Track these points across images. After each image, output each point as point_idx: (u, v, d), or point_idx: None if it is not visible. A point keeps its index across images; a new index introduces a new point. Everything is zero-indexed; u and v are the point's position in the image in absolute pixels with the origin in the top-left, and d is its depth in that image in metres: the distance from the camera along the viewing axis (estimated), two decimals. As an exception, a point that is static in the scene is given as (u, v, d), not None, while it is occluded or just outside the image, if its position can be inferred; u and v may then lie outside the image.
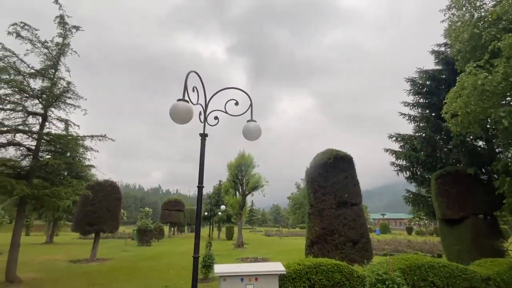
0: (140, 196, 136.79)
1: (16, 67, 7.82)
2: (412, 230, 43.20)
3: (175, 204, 33.47)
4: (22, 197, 7.55)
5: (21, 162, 8.32)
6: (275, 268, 3.90)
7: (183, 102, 3.75)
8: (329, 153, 9.55)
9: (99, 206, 11.54)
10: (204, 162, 4.49)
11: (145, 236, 20.32)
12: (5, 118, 7.81)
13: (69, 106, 8.91)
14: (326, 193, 9.07)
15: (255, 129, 4.35)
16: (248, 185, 21.23)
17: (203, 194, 4.66)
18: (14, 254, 7.41)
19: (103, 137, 8.81)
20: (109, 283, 7.41)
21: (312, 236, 8.89)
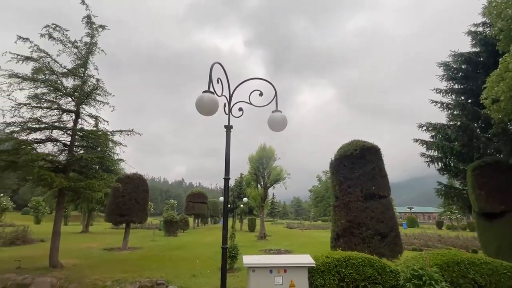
0: (165, 189, 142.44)
1: (50, 67, 8.28)
2: (442, 224, 41.09)
3: (198, 196, 34.40)
4: (60, 189, 8.08)
5: (59, 157, 8.86)
6: (304, 260, 3.83)
7: (208, 93, 3.73)
8: (355, 144, 9.21)
9: (129, 198, 12.11)
10: (229, 154, 4.48)
11: (171, 227, 21.13)
12: (42, 116, 8.33)
13: (99, 103, 9.32)
14: (352, 185, 8.79)
15: (280, 119, 4.25)
16: (270, 177, 21.21)
17: None
18: (55, 242, 7.99)
19: (130, 131, 9.15)
20: (141, 271, 7.77)
21: (338, 229, 8.70)
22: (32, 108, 8.05)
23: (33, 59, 7.93)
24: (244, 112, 4.70)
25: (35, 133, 8.15)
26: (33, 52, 7.91)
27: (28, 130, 7.97)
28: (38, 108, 8.14)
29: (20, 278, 6.42)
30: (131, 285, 6.35)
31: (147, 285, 6.32)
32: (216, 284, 7.32)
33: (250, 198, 22.17)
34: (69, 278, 6.74)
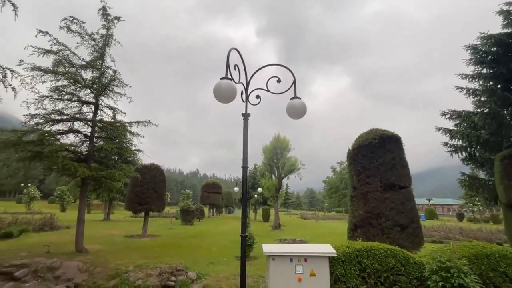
0: (180, 180, 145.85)
1: (70, 59, 8.45)
2: (463, 216, 39.70)
3: (213, 186, 34.95)
4: (83, 179, 8.38)
5: (80, 147, 9.15)
6: (325, 249, 3.77)
7: (226, 80, 3.64)
8: (374, 133, 8.90)
9: (147, 187, 12.44)
10: (247, 143, 4.42)
11: (188, 216, 21.66)
12: (64, 108, 8.58)
13: (116, 95, 9.48)
14: (371, 175, 8.55)
15: (300, 106, 4.11)
16: (284, 168, 21.12)
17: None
18: (80, 228, 8.36)
19: (147, 122, 9.28)
20: (161, 257, 8.01)
21: (356, 220, 8.55)
22: (54, 100, 8.30)
23: (53, 52, 8.12)
24: (255, 105, 4.60)
25: (57, 124, 8.43)
26: (52, 46, 8.09)
27: (51, 121, 8.25)
28: (59, 100, 8.38)
29: (50, 262, 6.78)
30: (152, 271, 6.56)
31: (167, 271, 6.50)
32: (233, 271, 7.44)
33: (265, 189, 22.24)
34: (94, 263, 7.05)
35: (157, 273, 6.39)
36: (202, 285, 6.25)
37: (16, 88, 5.50)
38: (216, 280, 6.50)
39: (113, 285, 6.04)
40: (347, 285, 3.97)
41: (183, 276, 6.45)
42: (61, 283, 6.03)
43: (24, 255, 7.52)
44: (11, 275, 6.19)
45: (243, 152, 4.37)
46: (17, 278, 6.12)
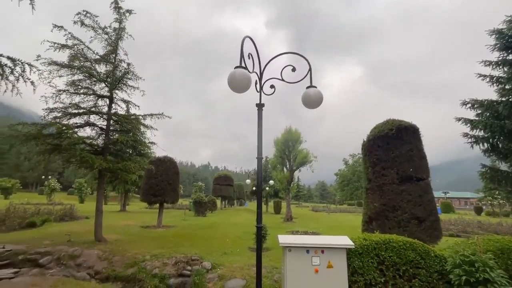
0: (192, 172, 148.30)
1: (84, 53, 8.57)
2: (481, 210, 38.45)
3: (225, 179, 35.29)
4: (100, 171, 8.61)
5: (97, 140, 9.36)
6: (342, 241, 3.70)
7: (240, 69, 3.57)
8: (391, 123, 8.62)
9: (161, 179, 12.66)
10: (262, 134, 4.36)
11: (201, 208, 22.01)
12: (80, 102, 8.76)
13: (130, 88, 9.58)
14: (387, 167, 8.33)
15: (316, 95, 3.99)
16: (296, 160, 20.97)
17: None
18: (99, 219, 8.64)
19: (160, 115, 9.37)
20: (176, 247, 8.19)
21: (371, 212, 8.40)
22: (70, 94, 8.48)
23: (68, 47, 8.25)
24: (269, 95, 4.50)
25: (74, 118, 8.63)
26: (67, 40, 8.22)
27: (69, 115, 8.46)
28: (76, 94, 8.56)
29: (71, 250, 7.06)
30: (168, 260, 6.71)
31: (182, 260, 6.63)
32: (246, 261, 7.51)
33: (276, 181, 22.23)
34: (112, 251, 7.29)
35: (173, 263, 6.52)
36: (217, 275, 6.34)
37: (34, 83, 5.63)
38: (231, 270, 6.57)
39: (131, 273, 6.22)
40: (364, 278, 3.91)
41: (198, 265, 6.56)
42: (82, 271, 6.27)
43: (47, 243, 7.87)
44: (36, 262, 6.49)
45: (257, 143, 4.32)
46: (41, 265, 6.42)
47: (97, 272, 6.26)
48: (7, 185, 37.82)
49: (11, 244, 7.40)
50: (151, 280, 5.90)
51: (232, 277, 6.22)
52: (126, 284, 6.02)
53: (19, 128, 7.27)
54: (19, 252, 6.77)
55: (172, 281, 5.93)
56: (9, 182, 38.97)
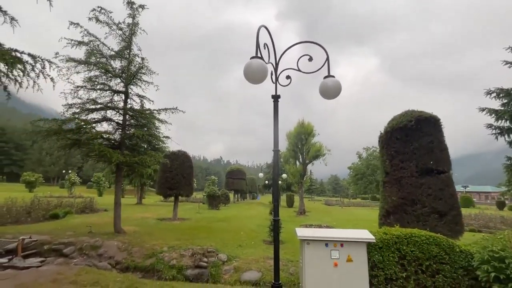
0: (205, 167, 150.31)
1: (100, 50, 8.71)
2: (504, 205, 36.86)
3: (237, 173, 35.54)
4: (118, 164, 8.82)
5: (114, 135, 9.57)
6: (362, 235, 3.61)
7: (257, 59, 3.49)
8: (410, 115, 8.29)
9: (175, 173, 12.88)
10: (278, 126, 4.28)
11: (214, 201, 22.31)
12: (97, 97, 8.95)
13: (145, 83, 9.69)
14: (405, 159, 8.06)
15: (334, 85, 3.86)
16: (309, 154, 20.76)
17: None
18: (117, 211, 8.89)
19: (174, 109, 9.45)
20: (192, 239, 8.33)
21: (388, 206, 8.19)
22: (88, 90, 8.67)
23: (84, 43, 8.40)
24: (284, 86, 4.40)
25: (92, 113, 8.84)
26: (84, 37, 8.36)
27: (87, 111, 8.67)
28: (92, 90, 8.74)
29: (93, 241, 7.33)
30: (184, 252, 6.84)
31: (199, 252, 6.73)
32: (261, 254, 7.54)
33: (289, 175, 22.13)
34: (131, 243, 7.50)
35: (190, 254, 6.64)
36: (232, 267, 6.40)
37: (54, 79, 5.79)
38: (246, 263, 6.62)
39: (150, 263, 6.39)
40: (385, 272, 3.82)
41: (214, 257, 6.64)
42: (103, 261, 6.50)
43: (70, 234, 8.20)
44: (60, 252, 6.79)
45: (273, 135, 4.25)
46: (65, 254, 6.71)
47: (118, 262, 6.47)
48: (31, 179, 39.70)
49: (37, 235, 7.76)
50: (169, 271, 6.03)
51: (248, 269, 6.27)
52: (145, 274, 6.19)
53: (40, 124, 7.53)
54: (45, 242, 7.10)
55: (189, 272, 6.04)
56: (33, 176, 40.88)
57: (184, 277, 5.98)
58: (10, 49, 4.49)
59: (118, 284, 4.29)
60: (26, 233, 8.08)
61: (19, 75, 4.82)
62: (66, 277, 4.35)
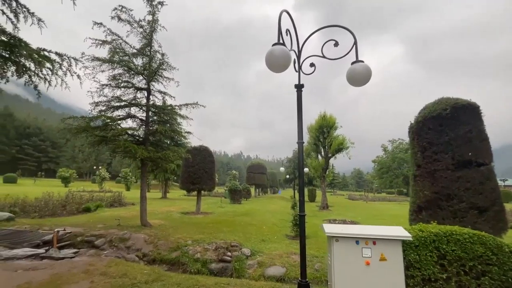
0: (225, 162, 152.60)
1: (123, 48, 8.90)
2: (549, 199, 33.67)
3: (258, 167, 35.56)
4: (142, 160, 9.06)
5: (138, 131, 9.83)
6: (397, 232, 3.33)
7: (279, 46, 3.28)
8: (445, 102, 7.64)
9: (198, 168, 13.06)
10: (302, 117, 4.07)
11: (236, 195, 22.49)
12: (121, 95, 9.20)
13: (166, 80, 9.81)
14: (439, 151, 7.47)
15: (363, 71, 3.56)
16: (331, 147, 20.17)
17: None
18: (143, 205, 9.17)
19: (195, 104, 9.49)
20: (215, 233, 8.39)
21: (420, 201, 7.68)
22: (112, 88, 8.94)
23: (108, 42, 8.62)
24: (308, 74, 4.14)
25: (117, 110, 9.11)
26: (107, 36, 8.57)
27: (112, 108, 8.95)
28: (117, 87, 8.99)
29: (121, 233, 7.61)
30: (208, 245, 6.89)
31: (222, 246, 6.74)
32: (285, 249, 7.41)
33: (311, 169, 21.71)
34: (157, 236, 7.69)
35: (214, 248, 6.67)
36: (256, 261, 6.34)
37: (80, 77, 5.99)
38: (270, 258, 6.53)
39: (175, 256, 6.50)
40: (422, 272, 3.52)
41: (238, 252, 6.62)
42: (131, 253, 6.71)
43: (100, 227, 8.60)
44: (92, 243, 7.12)
45: (297, 126, 4.05)
46: (97, 246, 7.02)
47: (145, 255, 6.66)
48: (66, 175, 42.54)
49: (71, 227, 8.22)
50: (193, 264, 6.10)
51: (272, 264, 6.18)
52: (171, 267, 6.31)
53: (70, 122, 7.90)
54: (78, 234, 7.49)
55: (214, 266, 6.06)
56: (67, 172, 43.78)
57: (208, 271, 6.02)
58: (38, 48, 4.70)
59: (145, 277, 4.38)
60: (61, 225, 8.59)
61: (48, 74, 5.05)
62: (97, 268, 4.53)
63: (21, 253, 5.28)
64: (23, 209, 11.26)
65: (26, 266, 4.66)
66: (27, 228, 7.71)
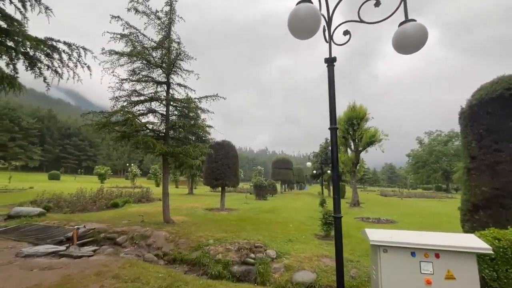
0: (251, 157, 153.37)
1: (141, 41, 8.66)
2: None
3: (283, 163, 34.77)
4: (163, 155, 8.83)
5: (160, 127, 9.62)
6: (469, 242, 2.50)
7: (305, 3, 2.59)
8: (507, 81, 6.33)
9: (221, 163, 12.70)
10: (335, 97, 3.35)
11: (261, 191, 22.03)
12: (141, 89, 9.02)
13: (185, 72, 9.47)
14: (501, 140, 6.23)
15: (416, 32, 2.73)
16: (362, 140, 18.77)
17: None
18: (166, 201, 8.97)
19: (215, 96, 9.04)
20: (238, 231, 7.92)
21: (476, 199, 6.50)
22: (132, 83, 8.77)
23: (126, 36, 8.42)
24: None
25: (138, 105, 8.96)
26: (124, 29, 8.37)
27: (133, 103, 8.80)
28: (136, 81, 8.82)
29: (143, 230, 7.43)
30: (231, 245, 6.41)
31: (245, 247, 6.23)
32: (314, 251, 6.70)
33: (340, 163, 20.46)
34: (178, 233, 7.39)
35: (236, 249, 6.17)
36: (283, 265, 5.73)
37: (90, 67, 5.76)
38: (298, 261, 5.87)
39: (196, 257, 6.11)
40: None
41: (262, 253, 6.06)
42: (152, 251, 6.46)
43: (124, 223, 8.54)
44: (114, 240, 7.01)
45: (329, 109, 3.33)
46: (118, 243, 6.89)
47: (165, 254, 6.36)
48: (101, 172, 45.20)
49: (96, 223, 8.25)
50: (214, 266, 5.65)
51: (300, 269, 5.52)
52: (191, 268, 5.93)
53: (90, 117, 7.85)
54: (101, 231, 7.44)
55: (236, 269, 5.56)
56: (103, 169, 46.49)
57: (230, 274, 5.53)
58: (45, 38, 4.49)
59: (159, 281, 3.99)
60: (88, 221, 8.68)
61: (59, 66, 4.86)
62: (110, 269, 4.23)
63: (42, 250, 5.22)
64: (57, 204, 11.74)
65: (43, 264, 4.53)
66: (55, 224, 7.85)
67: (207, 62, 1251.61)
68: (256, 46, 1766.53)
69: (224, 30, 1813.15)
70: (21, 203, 11.66)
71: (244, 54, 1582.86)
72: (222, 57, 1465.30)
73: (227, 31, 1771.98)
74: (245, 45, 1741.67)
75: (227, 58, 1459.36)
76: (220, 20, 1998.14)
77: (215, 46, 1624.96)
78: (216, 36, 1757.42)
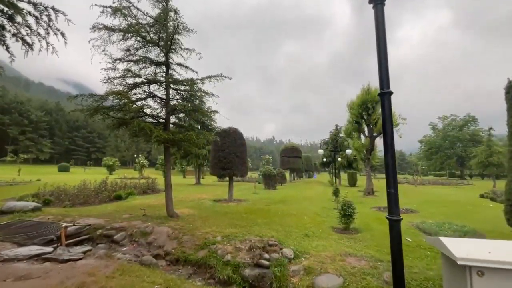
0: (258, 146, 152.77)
1: (134, 15, 7.68)
2: None
3: (292, 151, 33.80)
4: (164, 143, 8.02)
5: (160, 112, 8.77)
6: None
7: None
8: None
9: (228, 151, 11.86)
10: (386, 48, 2.38)
11: (270, 181, 21.26)
12: (137, 71, 8.12)
13: (185, 51, 8.49)
14: None
15: None
16: (377, 125, 17.58)
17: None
18: (168, 194, 8.24)
19: (219, 76, 8.08)
20: (249, 226, 7.16)
21: (530, 187, 5.52)
22: (127, 63, 7.87)
23: (118, 9, 7.43)
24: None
25: (135, 89, 8.10)
26: (114, 2, 7.37)
27: (129, 87, 7.94)
28: (132, 62, 7.92)
29: (143, 226, 6.72)
30: (241, 244, 5.62)
31: (258, 245, 5.43)
32: (335, 248, 5.86)
33: (353, 150, 19.41)
34: (182, 229, 6.66)
35: (247, 248, 5.38)
36: (302, 266, 4.91)
37: (65, 34, 4.85)
38: (319, 261, 5.05)
39: (201, 257, 5.37)
40: None
41: (278, 253, 5.26)
42: (153, 250, 5.75)
43: (125, 217, 7.87)
44: (111, 238, 6.32)
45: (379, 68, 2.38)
46: (116, 241, 6.20)
47: (167, 253, 5.64)
48: (110, 163, 45.29)
49: (94, 218, 7.59)
50: (223, 269, 4.88)
51: (323, 272, 4.70)
52: (196, 270, 5.20)
53: (79, 101, 7.02)
54: (98, 227, 6.77)
55: (248, 273, 4.77)
56: (111, 160, 46.58)
57: (241, 278, 4.75)
58: None
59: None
60: (87, 216, 8.04)
61: (27, 34, 4.01)
62: (96, 280, 3.49)
63: (24, 253, 4.55)
64: (58, 198, 11.21)
65: (21, 272, 3.84)
66: (49, 220, 7.22)
67: (215, 51, 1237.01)
68: (263, 32, 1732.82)
69: (231, 16, 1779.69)
70: (22, 196, 11.16)
71: (251, 41, 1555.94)
72: (229, 45, 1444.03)
73: (234, 17, 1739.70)
74: (252, 31, 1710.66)
75: (234, 45, 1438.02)
76: (226, 6, 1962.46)
77: (220, 35, 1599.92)
78: (221, 24, 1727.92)
